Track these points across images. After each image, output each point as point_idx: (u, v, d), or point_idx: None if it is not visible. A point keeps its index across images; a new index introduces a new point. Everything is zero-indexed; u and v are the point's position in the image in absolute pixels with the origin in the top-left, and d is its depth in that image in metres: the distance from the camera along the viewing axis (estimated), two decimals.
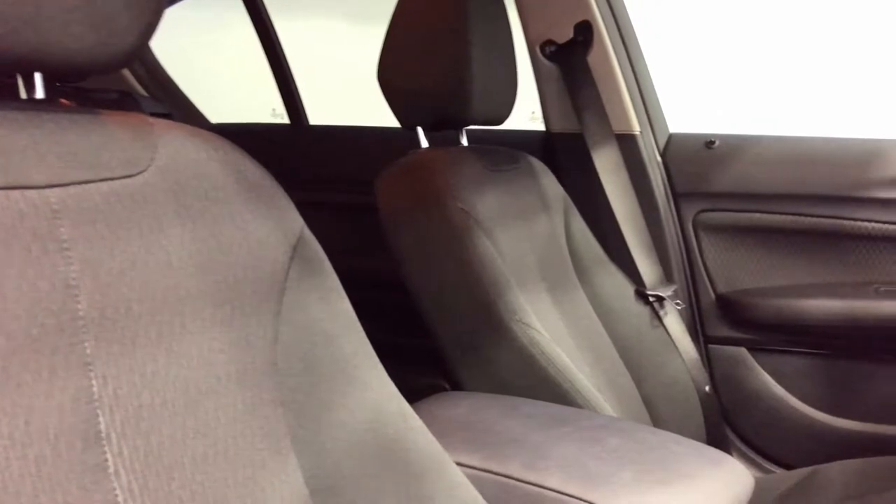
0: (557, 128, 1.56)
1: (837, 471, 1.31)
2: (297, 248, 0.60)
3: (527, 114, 1.67)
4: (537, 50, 1.51)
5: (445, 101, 1.11)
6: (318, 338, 0.60)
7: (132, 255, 0.48)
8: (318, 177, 1.83)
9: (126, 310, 0.47)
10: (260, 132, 2.02)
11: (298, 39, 2.21)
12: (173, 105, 2.06)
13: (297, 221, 0.61)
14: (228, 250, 0.55)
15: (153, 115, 0.57)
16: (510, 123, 1.24)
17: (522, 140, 1.59)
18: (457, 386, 1.08)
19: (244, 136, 0.64)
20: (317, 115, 2.01)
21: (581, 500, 0.69)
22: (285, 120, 2.02)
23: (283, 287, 0.59)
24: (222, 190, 0.56)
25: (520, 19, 1.50)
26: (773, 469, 1.49)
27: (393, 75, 1.14)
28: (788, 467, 1.44)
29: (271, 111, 2.24)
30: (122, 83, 2.03)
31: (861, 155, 1.40)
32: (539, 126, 1.64)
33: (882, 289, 1.38)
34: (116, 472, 0.45)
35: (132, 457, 0.46)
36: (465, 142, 1.25)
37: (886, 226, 1.37)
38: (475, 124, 1.16)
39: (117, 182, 0.49)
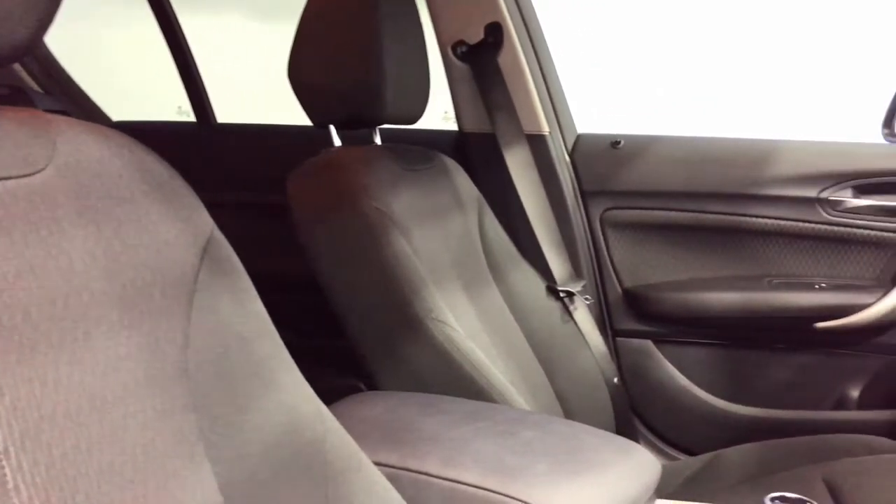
0: (470, 128, 1.58)
1: (737, 454, 1.38)
2: (207, 250, 0.58)
3: (440, 113, 1.69)
4: (449, 50, 1.52)
5: (358, 100, 1.11)
6: (230, 340, 0.59)
7: (30, 258, 0.46)
8: (227, 177, 1.78)
9: (24, 316, 0.45)
10: (164, 130, 1.95)
11: (203, 35, 2.15)
12: (71, 102, 1.96)
13: (206, 222, 0.59)
14: (135, 252, 0.53)
15: (47, 111, 0.54)
16: (423, 123, 1.25)
17: (436, 139, 1.60)
18: (373, 386, 1.07)
19: (148, 135, 0.62)
20: (224, 114, 1.96)
21: (498, 493, 0.70)
22: (191, 118, 1.96)
23: (194, 289, 0.57)
24: (127, 189, 0.54)
25: (431, 20, 1.51)
26: (678, 456, 1.55)
27: (304, 73, 1.12)
28: (692, 453, 1.51)
29: (177, 109, 2.17)
30: (11, 78, 1.92)
31: (755, 154, 1.48)
32: (452, 126, 1.65)
33: (774, 281, 1.46)
34: (16, 488, 0.43)
35: (33, 471, 0.44)
36: (378, 141, 1.24)
37: (778, 221, 1.45)
38: (388, 123, 1.16)
39: (12, 182, 0.47)
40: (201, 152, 1.85)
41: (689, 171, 1.51)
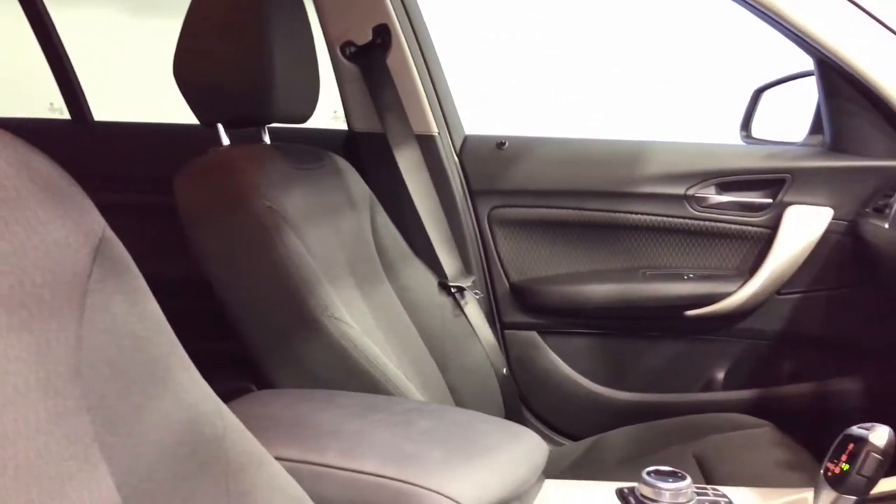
0: (360, 127, 1.60)
1: (617, 437, 1.47)
2: (99, 249, 0.58)
3: (329, 113, 1.69)
4: (337, 50, 1.53)
5: (247, 98, 1.10)
6: (125, 340, 0.59)
7: None
8: (107, 177, 1.71)
9: None
10: (36, 128, 1.84)
11: (75, 30, 2.05)
12: None
13: (98, 221, 0.58)
14: (23, 254, 0.52)
15: None
16: (312, 122, 1.25)
17: (325, 139, 1.60)
18: (267, 386, 1.07)
19: (17, 133, 0.60)
20: (102, 111, 1.88)
21: (397, 480, 0.73)
22: (65, 115, 1.86)
23: (86, 289, 0.56)
24: (13, 189, 0.52)
25: (318, 19, 1.52)
26: (563, 441, 1.63)
27: (190, 71, 1.10)
28: (576, 439, 1.58)
29: (48, 105, 2.05)
30: None
31: (629, 155, 1.57)
32: (341, 125, 1.66)
33: (648, 273, 1.56)
34: None
35: None
36: (267, 140, 1.24)
37: (650, 217, 1.55)
38: (278, 122, 1.16)
39: None
40: (77, 151, 1.76)
41: (569, 170, 1.59)
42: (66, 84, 1.82)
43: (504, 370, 1.50)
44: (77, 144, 1.80)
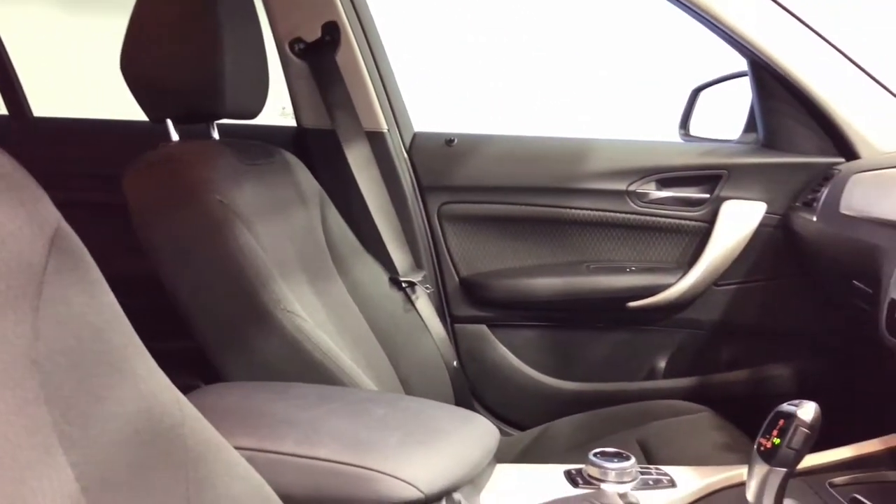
0: (309, 124, 1.60)
1: (563, 426, 1.51)
2: (54, 241, 0.58)
3: (277, 109, 1.69)
4: (286, 47, 1.53)
5: (196, 94, 1.10)
6: (83, 332, 0.59)
7: None
8: (49, 174, 1.67)
9: None
10: None
11: (10, 26, 2.00)
12: None
13: (52, 213, 0.59)
14: None
15: None
16: (260, 119, 1.25)
17: (274, 135, 1.60)
18: (220, 381, 1.07)
19: None
20: (41, 107, 1.83)
21: (354, 465, 0.75)
22: (2, 110, 1.81)
23: (42, 281, 0.56)
24: None
25: (267, 16, 1.52)
26: (512, 432, 1.66)
27: (138, 67, 1.09)
28: (525, 429, 1.62)
29: None
30: None
31: (574, 152, 1.62)
32: (290, 122, 1.66)
33: (592, 266, 1.61)
34: None
35: None
36: (216, 136, 1.23)
37: (594, 212, 1.60)
38: (227, 118, 1.16)
39: None
40: (16, 147, 1.71)
41: (516, 167, 1.62)
42: (3, 78, 1.77)
43: (454, 363, 1.53)
44: (16, 140, 1.75)
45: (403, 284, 1.45)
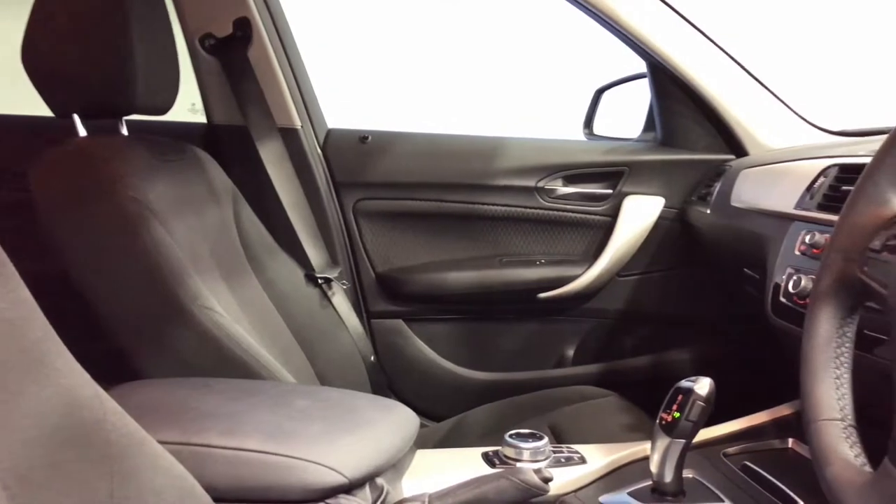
0: (220, 120, 1.58)
1: (479, 414, 1.56)
2: None
3: (187, 105, 1.66)
4: (196, 43, 1.51)
5: (104, 88, 1.07)
6: None
7: None
8: None
9: None
10: None
11: None
12: None
13: None
14: None
15: None
16: (170, 115, 1.23)
17: (185, 131, 1.58)
18: (136, 379, 1.05)
19: None
20: None
21: (279, 455, 0.76)
22: None
23: None
24: None
25: (176, 11, 1.49)
26: (430, 423, 1.70)
27: (41, 59, 1.06)
28: (442, 420, 1.65)
29: None
30: None
31: (485, 150, 1.66)
32: (200, 118, 1.63)
33: (504, 259, 1.66)
34: None
35: None
36: (125, 132, 1.21)
37: (505, 208, 1.65)
38: (137, 113, 1.13)
39: None
40: None
41: (430, 164, 1.66)
42: None
43: (371, 358, 1.55)
44: None
45: (319, 281, 1.46)
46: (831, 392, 0.63)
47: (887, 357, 0.67)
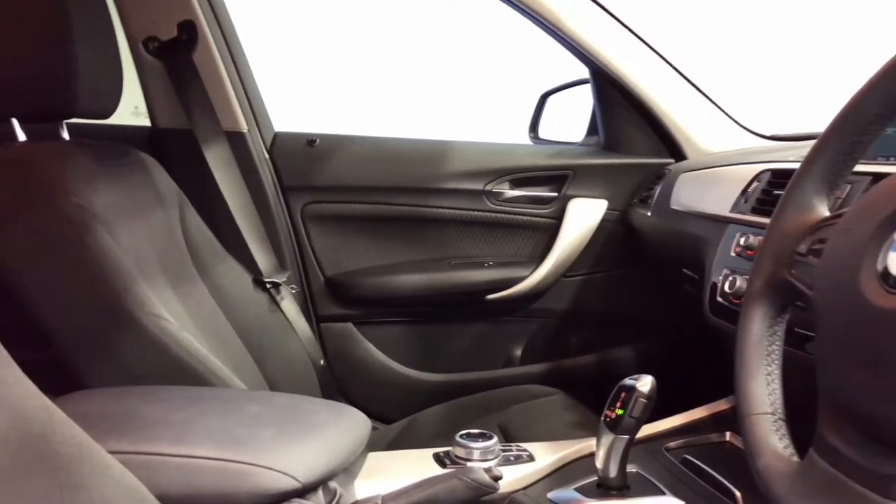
0: (165, 124, 1.56)
1: (429, 416, 1.57)
2: None
3: (129, 108, 1.63)
4: (140, 46, 1.48)
5: (42, 91, 1.05)
6: None
7: None
8: None
9: None
10: None
11: None
12: None
13: None
14: None
15: None
16: (112, 119, 1.21)
17: (128, 135, 1.55)
18: (81, 388, 1.03)
19: None
20: None
21: (231, 461, 0.76)
22: None
23: None
24: None
25: (118, 13, 1.46)
26: (380, 426, 1.70)
27: None
28: (393, 422, 1.66)
29: None
30: None
31: (434, 153, 1.68)
32: (143, 121, 1.61)
33: (453, 262, 1.68)
34: None
35: None
36: (66, 136, 1.18)
37: (454, 211, 1.67)
38: (78, 117, 1.11)
39: None
40: None
41: (378, 167, 1.67)
42: None
43: (321, 361, 1.55)
44: None
45: (268, 285, 1.45)
46: (763, 387, 0.67)
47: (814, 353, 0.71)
